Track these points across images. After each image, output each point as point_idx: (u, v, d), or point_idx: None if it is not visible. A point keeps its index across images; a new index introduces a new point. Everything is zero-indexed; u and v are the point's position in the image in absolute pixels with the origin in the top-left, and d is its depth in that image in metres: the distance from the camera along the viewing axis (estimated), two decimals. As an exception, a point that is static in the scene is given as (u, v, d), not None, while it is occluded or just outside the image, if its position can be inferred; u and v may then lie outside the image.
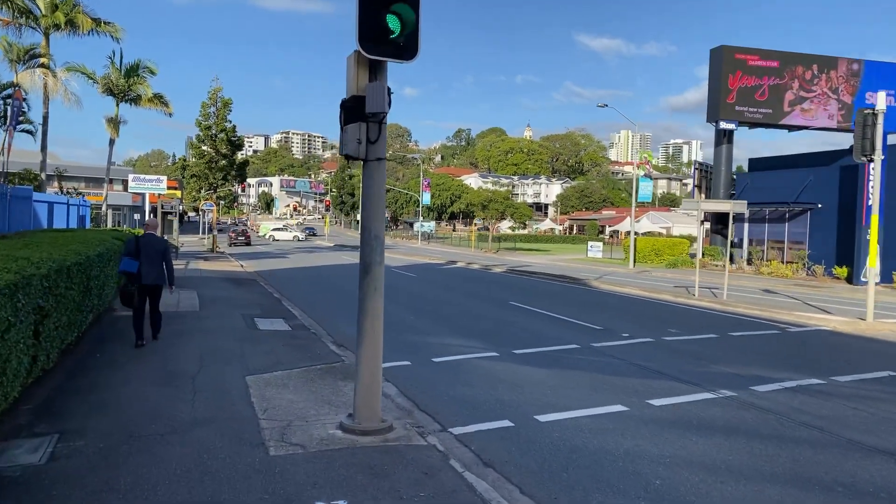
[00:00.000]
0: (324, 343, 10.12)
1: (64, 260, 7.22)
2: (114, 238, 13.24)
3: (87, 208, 28.61)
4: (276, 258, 36.08)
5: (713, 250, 37.04)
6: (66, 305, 7.27)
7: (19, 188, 18.05)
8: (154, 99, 29.79)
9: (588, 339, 11.06)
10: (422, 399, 7.25)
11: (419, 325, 12.62)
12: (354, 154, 5.70)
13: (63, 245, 8.73)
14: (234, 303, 14.44)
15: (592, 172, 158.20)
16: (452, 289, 20.10)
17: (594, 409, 6.87)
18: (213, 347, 9.13)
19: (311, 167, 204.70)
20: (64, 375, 7.25)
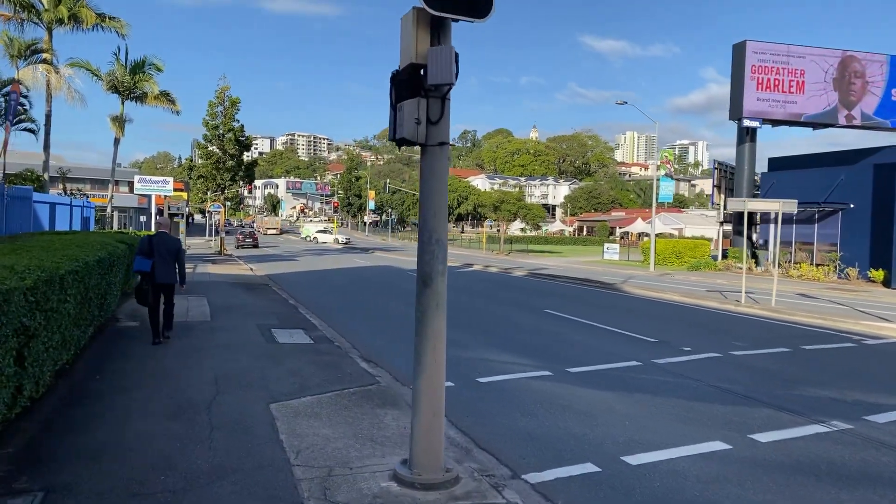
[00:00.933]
0: (352, 359, 8.97)
1: (56, 268, 6.10)
2: (118, 241, 12.15)
3: (92, 210, 27.59)
4: (286, 261, 34.99)
5: (737, 252, 35.76)
6: (58, 322, 6.15)
7: (18, 188, 17.01)
8: (160, 96, 28.76)
9: (646, 353, 9.88)
10: (479, 433, 6.10)
11: (452, 336, 11.39)
12: (411, 137, 4.56)
13: (59, 250, 7.62)
14: (247, 311, 13.32)
15: (600, 173, 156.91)
16: (477, 294, 18.94)
17: (690, 448, 5.70)
18: (228, 367, 8.00)
19: (317, 169, 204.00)
20: (56, 405, 6.12)
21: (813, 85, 35.15)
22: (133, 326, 10.73)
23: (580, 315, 14.15)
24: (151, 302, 9.15)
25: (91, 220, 27.18)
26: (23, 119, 26.77)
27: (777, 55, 35.40)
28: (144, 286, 9.11)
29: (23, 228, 16.77)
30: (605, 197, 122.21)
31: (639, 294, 20.07)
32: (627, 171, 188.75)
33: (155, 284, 9.13)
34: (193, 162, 40.63)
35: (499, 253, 52.36)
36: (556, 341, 11.03)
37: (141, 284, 9.18)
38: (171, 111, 29.97)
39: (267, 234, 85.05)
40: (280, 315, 12.92)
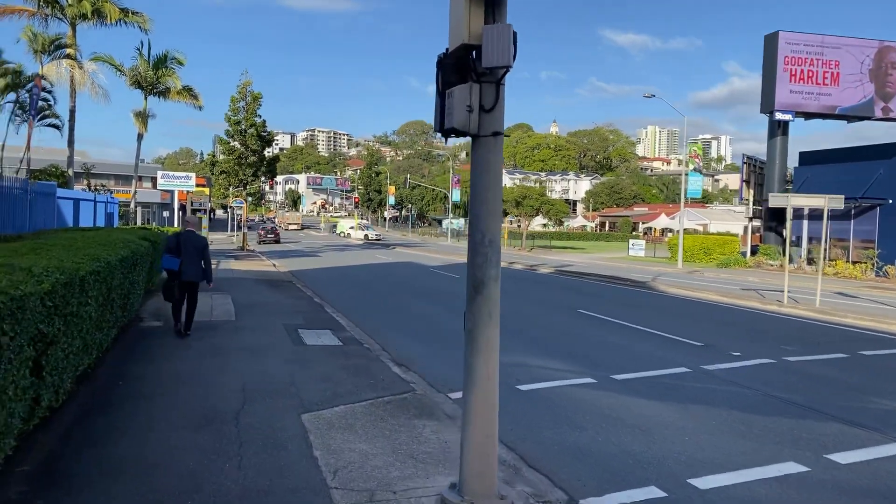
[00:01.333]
0: (383, 363, 8.55)
1: (77, 269, 5.74)
2: (141, 238, 11.85)
3: (115, 205, 27.53)
4: (308, 257, 34.78)
5: (769, 249, 34.79)
6: (79, 326, 5.79)
7: (42, 184, 16.86)
8: (183, 91, 28.59)
9: (693, 359, 9.32)
10: (526, 448, 5.63)
11: (484, 338, 10.99)
12: (462, 127, 4.09)
13: (81, 248, 7.28)
14: (272, 310, 12.98)
15: (621, 168, 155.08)
16: (505, 292, 18.31)
17: (762, 470, 5.17)
18: (256, 371, 7.61)
19: (337, 165, 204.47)
20: (77, 413, 5.77)
21: (848, 76, 34.00)
22: (157, 326, 10.43)
23: (615, 315, 13.59)
24: (178, 298, 9.42)
25: (115, 216, 27.13)
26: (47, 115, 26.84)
27: (811, 46, 34.31)
28: (171, 283, 9.31)
29: (47, 224, 16.61)
30: (627, 192, 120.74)
31: (673, 293, 19.41)
32: (649, 166, 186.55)
33: (182, 282, 9.29)
34: (216, 157, 40.57)
35: (520, 249, 51.74)
36: (595, 344, 10.51)
37: (168, 282, 9.35)
38: (193, 106, 29.82)
39: (288, 229, 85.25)
40: (306, 314, 12.55)
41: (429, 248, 49.56)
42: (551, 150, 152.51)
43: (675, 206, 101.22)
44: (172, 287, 9.33)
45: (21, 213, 14.26)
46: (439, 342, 10.56)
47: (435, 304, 15.23)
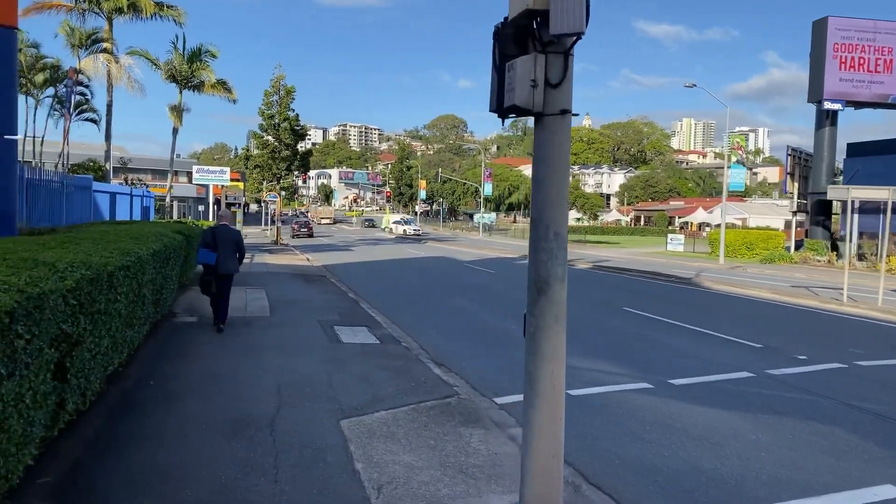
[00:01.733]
0: (423, 364, 8.11)
1: (105, 264, 5.41)
2: (175, 232, 11.63)
3: (151, 199, 27.71)
4: (341, 251, 34.64)
5: (815, 244, 33.42)
6: (108, 324, 5.47)
7: (79, 177, 16.86)
8: (217, 85, 28.63)
9: (755, 362, 8.67)
10: (585, 462, 5.13)
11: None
12: (525, 104, 3.58)
13: (112, 242, 7.00)
14: (307, 305, 12.67)
15: (656, 161, 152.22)
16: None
17: (856, 494, 4.59)
18: (291, 372, 7.25)
19: (369, 159, 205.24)
20: (105, 417, 5.46)
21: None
22: (190, 322, 10.18)
23: (663, 314, 12.93)
24: (215, 292, 9.46)
25: (150, 210, 27.30)
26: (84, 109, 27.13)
27: (862, 32, 32.75)
28: (208, 277, 9.34)
29: (83, 218, 16.62)
30: (663, 186, 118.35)
31: (720, 290, 18.58)
32: (685, 159, 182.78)
33: (218, 275, 9.36)
34: (250, 152, 40.72)
35: (555, 243, 50.84)
36: (647, 345, 9.91)
37: (205, 276, 9.40)
38: (227, 100, 29.88)
39: (321, 223, 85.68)
40: (341, 310, 12.20)
41: (461, 243, 49.11)
42: (584, 144, 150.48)
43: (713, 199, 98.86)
44: (210, 281, 9.37)
45: (58, 207, 14.21)
46: (479, 341, 10.09)
47: (471, 301, 14.76)
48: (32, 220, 12.50)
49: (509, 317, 12.42)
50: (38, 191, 12.93)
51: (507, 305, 14.15)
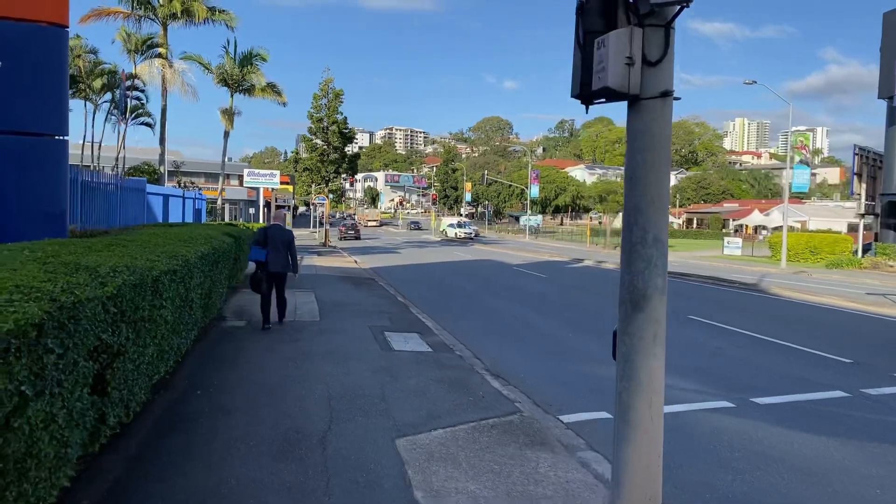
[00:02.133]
0: (479, 375, 7.62)
1: (150, 268, 5.12)
2: (224, 234, 11.48)
3: (203, 202, 28.08)
4: (388, 253, 34.50)
5: (888, 248, 31.48)
6: (153, 332, 5.18)
7: (132, 179, 17.04)
8: (267, 88, 28.83)
9: (847, 380, 7.86)
10: (670, 494, 4.51)
11: (586, 346, 9.88)
12: (619, 86, 3.06)
13: (159, 245, 6.76)
14: (357, 310, 12.34)
15: (708, 162, 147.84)
16: (599, 293, 17.16)
17: None
18: (342, 382, 6.86)
19: (414, 162, 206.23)
20: (149, 431, 5.15)
21: None
22: (239, 327, 9.94)
23: (732, 322, 12.10)
24: (265, 290, 9.63)
25: (202, 212, 27.66)
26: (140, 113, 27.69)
27: (942, 20, 30.74)
28: (259, 275, 9.53)
29: (137, 220, 16.77)
30: (715, 187, 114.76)
31: (789, 297, 17.47)
32: (738, 160, 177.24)
33: (269, 273, 9.53)
34: (299, 155, 41.08)
35: (604, 247, 49.71)
36: (720, 358, 9.17)
37: (256, 273, 9.59)
38: (277, 103, 30.04)
39: (367, 225, 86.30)
40: (391, 315, 11.82)
41: (507, 246, 48.44)
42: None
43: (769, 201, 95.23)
44: (260, 279, 9.55)
45: (112, 209, 14.31)
46: (535, 349, 9.54)
47: (523, 306, 14.19)
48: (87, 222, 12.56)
49: (565, 324, 11.81)
50: (93, 193, 13.00)
51: (561, 311, 13.52)
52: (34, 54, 7.21)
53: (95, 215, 13.11)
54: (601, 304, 14.82)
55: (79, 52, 28.40)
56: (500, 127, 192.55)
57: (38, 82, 7.28)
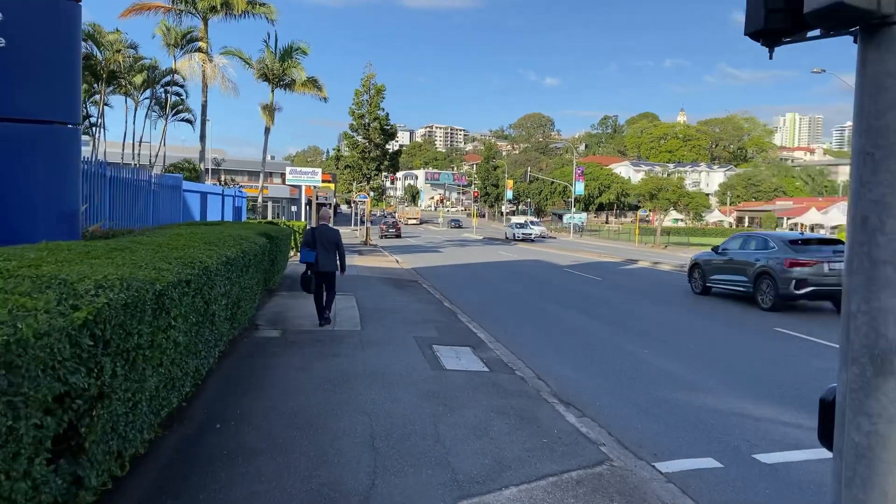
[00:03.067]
0: (548, 404, 6.43)
1: (154, 281, 4.11)
2: (259, 234, 10.56)
3: (243, 199, 27.55)
4: (430, 252, 33.51)
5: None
6: (156, 359, 4.17)
7: (168, 176, 16.40)
8: (307, 83, 28.11)
9: None
10: None
11: (667, 366, 8.57)
12: (859, 1, 1.85)
13: (178, 248, 5.80)
14: (400, 317, 11.28)
15: (758, 159, 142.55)
16: (667, 301, 15.71)
17: None
18: (388, 413, 5.76)
19: (454, 160, 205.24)
20: (152, 480, 4.15)
21: None
22: (273, 338, 8.98)
23: (826, 337, 10.58)
24: (315, 290, 9.79)
25: (242, 210, 27.12)
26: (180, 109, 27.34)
27: None
28: (308, 275, 9.68)
29: (173, 218, 16.11)
30: (767, 185, 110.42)
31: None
32: (790, 156, 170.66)
33: (318, 273, 9.68)
34: (340, 152, 40.46)
35: (654, 246, 47.69)
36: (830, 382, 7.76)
37: (305, 273, 9.73)
38: (318, 98, 29.35)
39: (408, 223, 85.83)
40: (439, 324, 10.71)
41: (552, 244, 46.91)
42: (679, 141, 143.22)
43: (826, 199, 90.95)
44: (310, 279, 9.68)
45: (144, 207, 13.61)
46: (608, 370, 8.28)
47: (581, 313, 12.90)
48: (116, 221, 11.83)
49: (635, 337, 10.50)
50: (123, 190, 12.28)
51: (626, 321, 12.19)
52: (41, 30, 6.33)
53: (126, 213, 12.39)
54: (674, 316, 13.42)
55: (119, 46, 28.24)
56: (541, 124, 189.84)
57: (45, 63, 6.39)
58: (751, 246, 15.04)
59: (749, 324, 12.11)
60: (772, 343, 10.23)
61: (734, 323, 12.26)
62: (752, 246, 15.02)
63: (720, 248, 16.22)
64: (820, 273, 13.08)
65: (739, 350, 9.69)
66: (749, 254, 14.77)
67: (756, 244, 14.91)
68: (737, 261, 15.11)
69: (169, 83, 29.41)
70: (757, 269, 14.06)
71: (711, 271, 16.20)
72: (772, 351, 9.65)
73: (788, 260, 13.31)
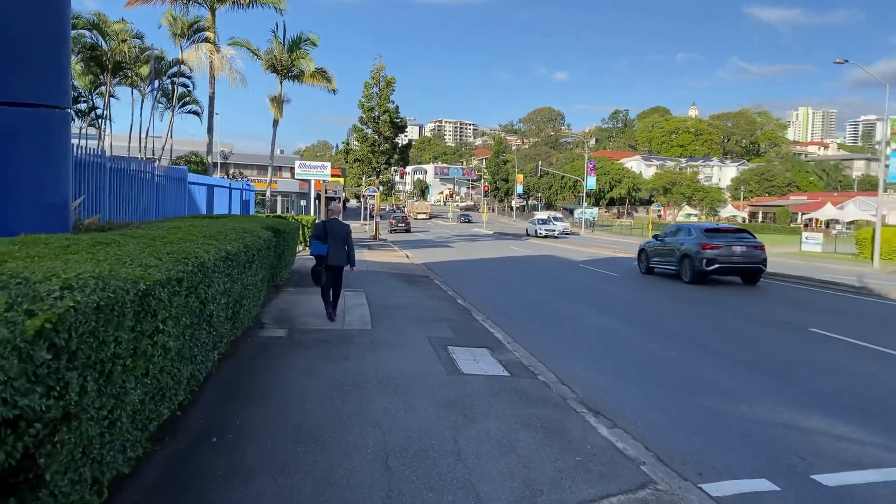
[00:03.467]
0: (577, 413, 5.87)
1: (138, 279, 3.59)
2: (265, 228, 10.06)
3: (251, 193, 27.09)
4: (440, 247, 32.97)
5: None
6: (141, 368, 3.65)
7: (171, 168, 15.92)
8: (316, 74, 27.55)
9: None
10: None
11: (700, 370, 7.99)
12: None
13: (174, 242, 5.30)
14: (413, 315, 10.76)
15: (771, 153, 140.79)
16: (689, 300, 15.09)
17: None
18: (402, 426, 5.22)
19: (463, 154, 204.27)
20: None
21: None
22: (279, 337, 8.47)
23: (866, 338, 9.93)
24: (325, 283, 9.67)
25: (251, 204, 26.68)
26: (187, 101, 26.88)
27: None
28: (318, 267, 9.58)
29: (177, 211, 15.66)
30: (780, 179, 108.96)
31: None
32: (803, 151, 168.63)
33: (328, 267, 9.58)
34: (350, 146, 39.96)
35: (668, 241, 46.78)
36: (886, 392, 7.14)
37: (316, 266, 9.64)
38: (327, 90, 28.75)
39: (417, 218, 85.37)
40: (453, 323, 10.17)
41: (565, 240, 46.21)
42: (691, 135, 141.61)
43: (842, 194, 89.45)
44: (320, 272, 9.57)
45: (147, 200, 13.14)
46: (636, 374, 7.71)
47: (604, 313, 12.32)
48: (117, 214, 11.36)
49: (662, 338, 9.91)
50: (124, 182, 11.81)
51: (649, 319, 11.60)
52: (26, 4, 5.82)
53: (127, 206, 11.92)
54: (698, 315, 12.82)
55: (124, 36, 27.76)
56: (551, 118, 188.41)
57: (31, 40, 5.88)
58: (679, 234, 18.33)
59: (780, 322, 11.48)
60: (812, 345, 9.59)
61: (765, 321, 11.63)
62: (680, 234, 18.31)
63: (660, 236, 19.60)
64: (726, 254, 16.55)
65: (783, 354, 9.06)
66: (677, 240, 18.11)
67: (683, 233, 18.17)
68: (669, 246, 18.43)
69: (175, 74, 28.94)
70: (681, 252, 17.51)
71: (653, 255, 19.57)
72: (814, 354, 9.02)
73: (702, 244, 16.72)
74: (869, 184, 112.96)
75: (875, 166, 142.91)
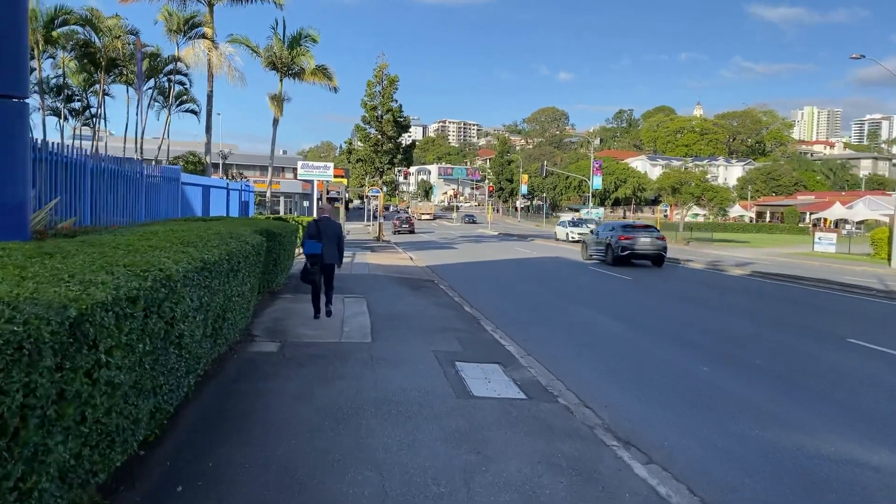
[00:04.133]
0: (608, 448, 5.08)
1: (70, 303, 2.82)
2: (258, 231, 9.30)
3: (251, 194, 26.33)
4: (445, 249, 32.18)
5: None
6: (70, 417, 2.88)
7: (162, 167, 15.16)
8: (317, 71, 26.79)
9: None
10: None
11: (741, 390, 7.17)
12: None
13: (140, 250, 4.54)
14: (417, 325, 9.97)
15: (776, 152, 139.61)
16: (713, 306, 14.25)
17: None
18: (404, 467, 4.43)
19: (467, 155, 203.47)
20: None
21: None
22: (269, 353, 7.69)
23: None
24: (318, 281, 9.72)
25: (250, 205, 25.93)
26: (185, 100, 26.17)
27: None
28: (312, 266, 9.58)
29: (169, 213, 14.90)
30: (787, 179, 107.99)
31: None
32: (809, 150, 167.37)
33: (322, 265, 9.68)
34: (353, 145, 39.21)
35: (676, 242, 45.95)
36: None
37: (307, 265, 9.61)
38: (328, 88, 28.01)
39: (421, 219, 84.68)
40: (460, 334, 9.38)
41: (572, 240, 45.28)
42: (696, 134, 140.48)
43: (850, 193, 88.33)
44: (313, 272, 9.58)
45: (135, 201, 12.38)
46: (668, 395, 6.90)
47: (621, 321, 11.51)
48: (98, 217, 10.61)
49: (690, 350, 9.10)
50: (107, 183, 11.05)
51: (671, 328, 10.78)
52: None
53: (111, 208, 11.17)
54: (722, 322, 12.00)
55: (119, 33, 27.01)
56: (555, 118, 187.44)
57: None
58: (608, 229, 23.99)
59: (814, 331, 10.65)
60: (853, 358, 8.76)
61: (800, 331, 10.80)
62: (608, 229, 23.94)
63: (597, 230, 25.58)
64: (636, 244, 22.14)
65: (821, 365, 8.25)
66: (605, 234, 23.78)
67: (608, 229, 23.97)
68: (600, 239, 24.09)
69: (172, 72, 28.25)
70: (606, 243, 23.27)
71: (591, 245, 25.10)
72: (858, 369, 8.19)
73: (620, 236, 22.38)
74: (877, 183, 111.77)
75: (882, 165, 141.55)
